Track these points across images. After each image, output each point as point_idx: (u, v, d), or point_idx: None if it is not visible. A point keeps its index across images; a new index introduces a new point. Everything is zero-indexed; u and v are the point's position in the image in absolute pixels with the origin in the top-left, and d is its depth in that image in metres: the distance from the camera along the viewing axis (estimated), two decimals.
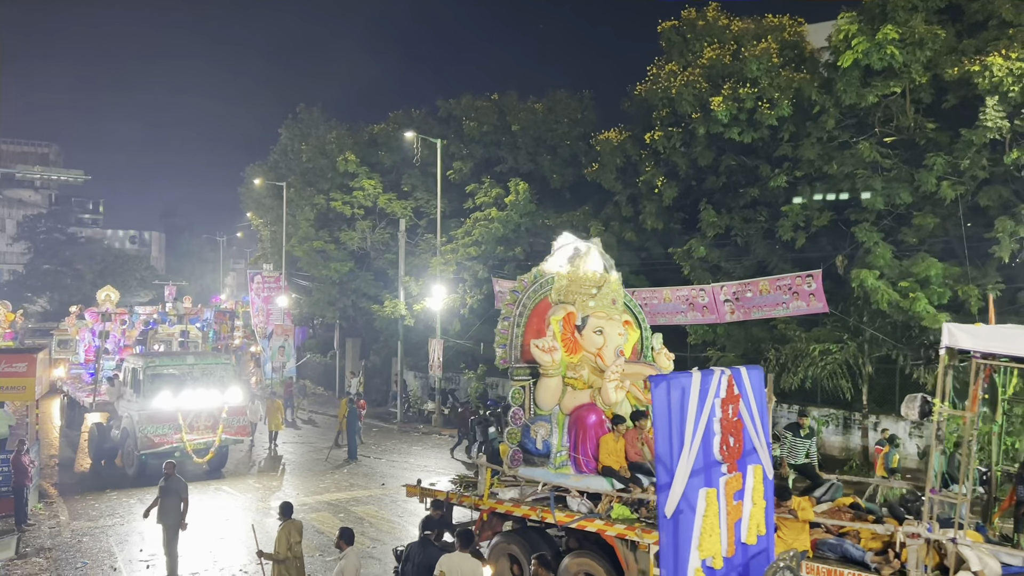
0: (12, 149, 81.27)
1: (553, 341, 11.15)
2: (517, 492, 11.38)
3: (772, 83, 21.20)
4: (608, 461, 10.82)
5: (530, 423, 11.51)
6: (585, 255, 12.19)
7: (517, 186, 29.24)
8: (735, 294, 21.41)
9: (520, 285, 12.31)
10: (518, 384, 11.81)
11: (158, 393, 19.09)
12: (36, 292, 59.01)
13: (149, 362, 19.92)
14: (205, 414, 19.44)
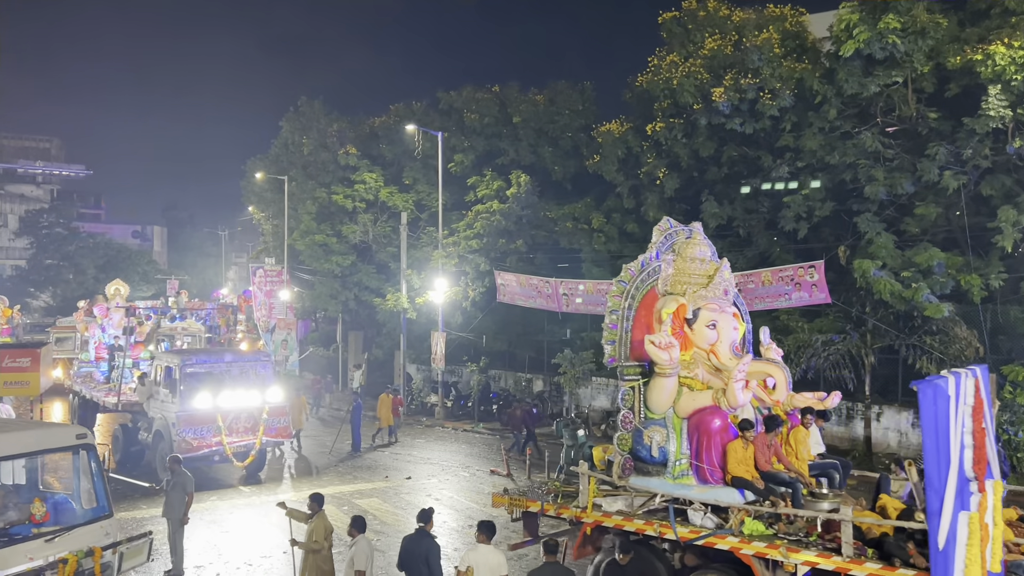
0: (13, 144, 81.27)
1: (670, 336, 10.07)
2: (624, 503, 10.46)
3: (774, 73, 21.16)
4: (738, 471, 9.82)
5: (643, 428, 10.47)
6: (691, 240, 11.00)
7: (519, 178, 29.22)
8: (737, 285, 21.33)
9: (627, 275, 11.06)
10: (628, 385, 10.68)
11: (196, 393, 17.78)
12: (39, 287, 59.05)
13: (185, 359, 18.54)
14: (245, 415, 18.19)
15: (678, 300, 10.44)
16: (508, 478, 19.38)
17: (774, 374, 10.61)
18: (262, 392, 18.75)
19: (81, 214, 74.74)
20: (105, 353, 25.30)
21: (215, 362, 19.07)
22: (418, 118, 32.93)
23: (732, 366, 10.14)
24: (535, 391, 28.62)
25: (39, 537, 8.45)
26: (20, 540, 8.31)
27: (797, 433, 10.75)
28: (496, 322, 30.03)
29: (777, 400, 10.70)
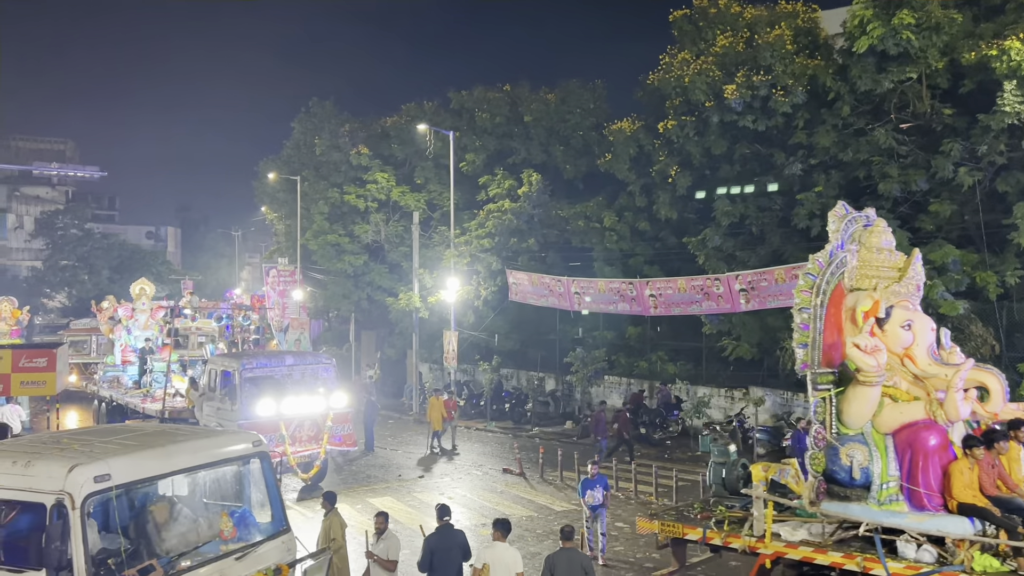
0: (29, 146, 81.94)
1: (875, 339, 8.88)
2: (805, 531, 9.33)
3: (786, 70, 21.08)
4: (964, 496, 8.50)
5: (839, 444, 9.19)
6: (873, 228, 9.82)
7: (530, 177, 29.22)
8: (750, 283, 21.31)
9: (815, 266, 9.58)
10: (820, 395, 9.30)
11: (257, 399, 16.51)
12: (54, 288, 59.52)
13: (246, 363, 17.22)
14: (308, 422, 16.89)
15: (872, 297, 9.23)
16: (520, 476, 19.40)
17: (987, 382, 9.23)
18: (325, 397, 17.54)
19: (95, 215, 75.20)
20: (132, 356, 24.52)
21: (276, 366, 17.89)
22: (429, 118, 32.99)
23: (933, 373, 8.99)
24: (547, 390, 28.62)
25: (228, 555, 7.65)
26: (212, 560, 7.49)
27: (1011, 451, 9.21)
28: (508, 321, 30.04)
29: (994, 412, 9.32)
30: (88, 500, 6.59)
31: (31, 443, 7.82)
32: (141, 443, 7.71)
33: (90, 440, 7.63)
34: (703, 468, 19.13)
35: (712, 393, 23.22)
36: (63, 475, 6.64)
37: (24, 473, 6.80)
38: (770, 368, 22.93)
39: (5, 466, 6.94)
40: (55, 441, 7.70)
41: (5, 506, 6.94)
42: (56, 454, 7.08)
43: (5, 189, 75.99)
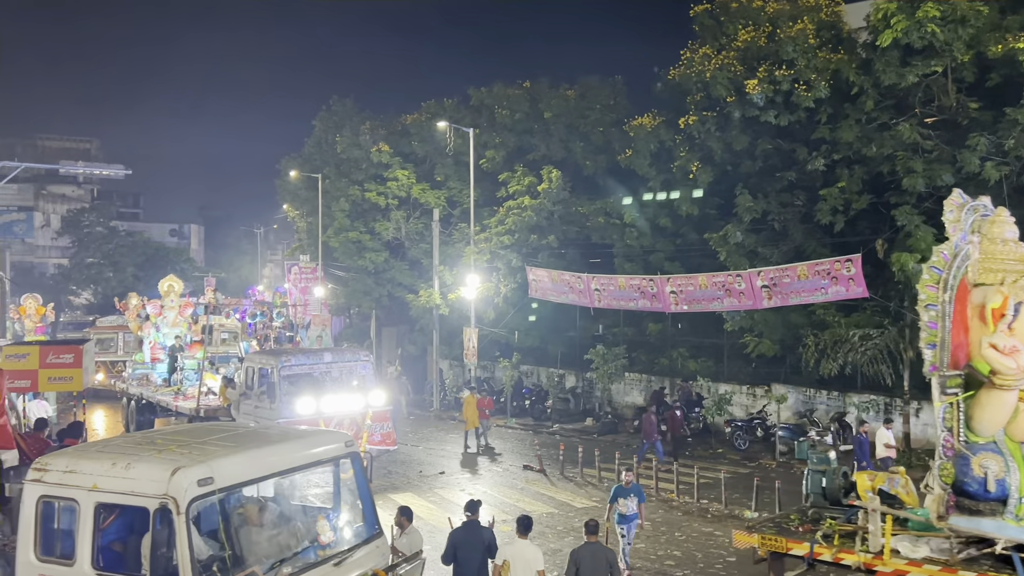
0: (54, 145, 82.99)
1: (1013, 339, 8.26)
2: (927, 547, 8.60)
3: (809, 65, 20.89)
4: None
5: (971, 454, 8.54)
6: (995, 218, 9.14)
7: (550, 174, 29.18)
8: (772, 279, 21.16)
9: (940, 259, 8.97)
10: (948, 399, 8.69)
11: (296, 397, 16.34)
12: (80, 286, 60.31)
13: (284, 361, 17.00)
14: (347, 421, 16.56)
15: (1001, 292, 8.51)
16: (541, 473, 19.41)
17: None
18: (364, 395, 17.32)
19: (120, 213, 76.13)
20: (161, 353, 24.23)
21: (314, 363, 17.65)
22: (449, 115, 33.02)
23: None
24: (567, 386, 28.59)
25: (326, 561, 7.35)
26: (311, 565, 7.23)
27: None
28: (528, 318, 30.04)
29: None
30: (192, 504, 6.35)
31: (124, 443, 7.57)
32: (238, 444, 7.41)
33: (185, 441, 7.34)
34: (724, 465, 19.05)
35: (734, 390, 23.10)
36: (166, 478, 6.37)
37: (125, 475, 6.54)
38: (792, 365, 22.77)
39: (104, 467, 6.68)
40: (149, 442, 7.41)
41: (104, 509, 6.67)
42: (155, 456, 6.82)
43: (32, 188, 77.03)
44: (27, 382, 15.92)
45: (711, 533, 14.69)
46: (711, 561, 13.16)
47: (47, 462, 7.02)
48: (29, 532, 6.87)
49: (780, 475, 18.02)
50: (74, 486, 6.68)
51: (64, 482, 6.76)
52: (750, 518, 15.61)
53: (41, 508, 6.86)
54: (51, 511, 6.92)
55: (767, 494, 15.90)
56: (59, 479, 6.79)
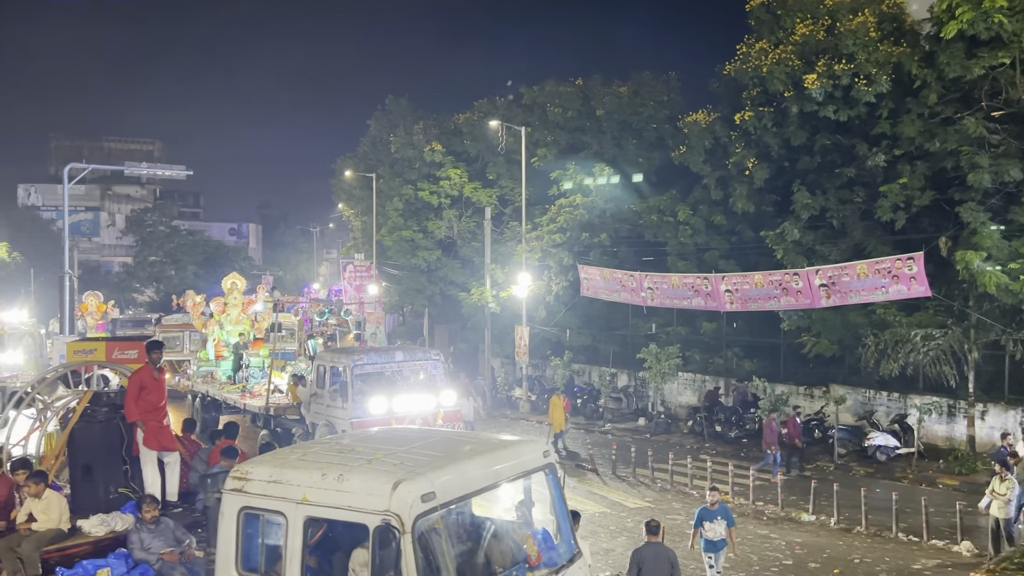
0: (119, 147, 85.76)
1: None
2: None
3: (869, 58, 20.40)
4: None
5: None
6: None
7: (602, 171, 29.05)
8: (831, 278, 20.73)
9: None
10: None
11: (368, 396, 16.17)
12: (143, 283, 62.20)
13: (356, 359, 16.84)
14: (420, 421, 16.30)
15: None
16: (593, 472, 19.33)
17: None
18: (435, 395, 17.08)
19: (181, 212, 78.19)
20: (225, 351, 24.79)
21: (386, 362, 17.41)
22: (501, 114, 33.11)
23: None
24: (619, 386, 28.42)
25: None
26: None
27: None
28: (579, 316, 29.95)
29: None
30: (418, 522, 5.76)
31: (323, 451, 6.87)
32: (446, 453, 6.73)
33: (389, 449, 6.68)
34: (780, 467, 18.72)
35: (790, 391, 22.68)
36: (387, 492, 5.78)
37: (338, 488, 5.97)
38: (851, 365, 22.29)
39: (313, 478, 6.11)
40: (349, 449, 6.78)
41: (312, 524, 6.12)
42: (366, 467, 6.23)
43: (99, 188, 79.70)
44: None
45: (767, 536, 14.47)
46: (767, 564, 12.95)
47: (247, 471, 6.50)
48: (230, 546, 6.36)
49: (839, 478, 17.67)
50: (280, 498, 6.14)
51: (269, 493, 6.23)
52: (808, 521, 15.34)
53: (243, 520, 6.35)
54: (254, 524, 6.38)
55: (825, 497, 15.59)
56: (263, 490, 6.26)
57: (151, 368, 9.68)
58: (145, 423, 9.36)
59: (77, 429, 9.48)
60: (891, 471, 18.82)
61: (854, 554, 13.43)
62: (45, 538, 8.14)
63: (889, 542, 14.01)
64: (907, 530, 14.24)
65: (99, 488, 9.19)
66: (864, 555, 13.38)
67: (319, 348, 23.18)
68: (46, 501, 8.35)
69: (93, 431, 9.46)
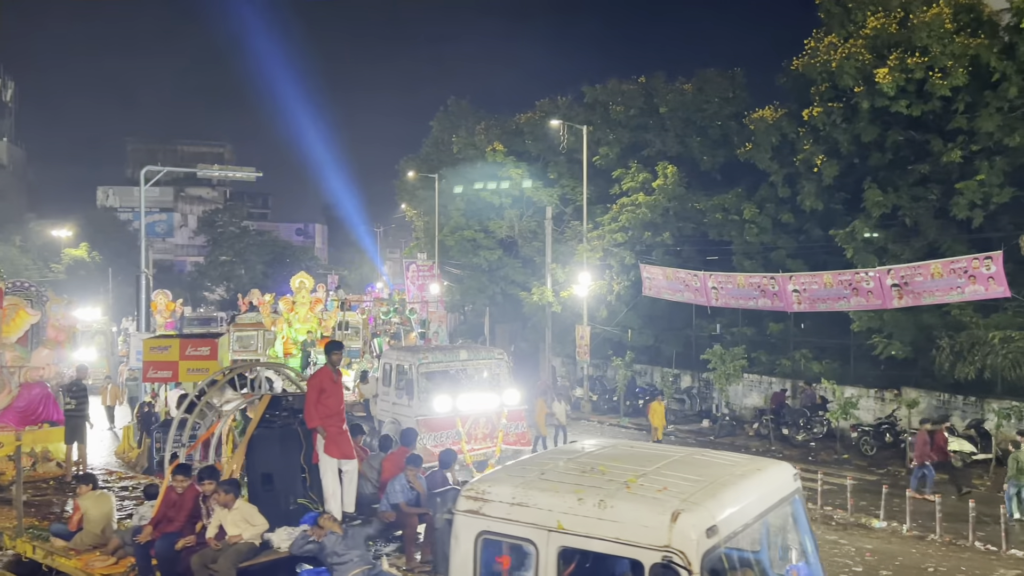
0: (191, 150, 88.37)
1: None
2: None
3: (945, 51, 19.77)
4: None
5: None
6: None
7: (665, 169, 28.74)
8: (903, 278, 20.14)
9: None
10: None
11: (434, 395, 16.24)
12: (214, 282, 64.08)
13: (422, 358, 17.01)
14: (484, 419, 16.34)
15: None
16: None
17: None
18: (499, 394, 17.02)
19: (250, 213, 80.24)
20: (294, 348, 24.88)
21: (451, 360, 17.62)
22: (563, 113, 33.06)
23: None
24: (682, 387, 28.09)
25: None
26: None
27: None
28: (641, 316, 29.70)
29: None
30: (705, 560, 4.97)
31: (564, 471, 6.02)
32: (706, 477, 5.80)
33: (639, 470, 5.87)
34: (850, 471, 18.24)
35: (861, 394, 22.07)
36: (665, 524, 5.01)
37: (600, 516, 5.22)
38: (924, 368, 21.59)
39: (567, 503, 5.37)
40: (590, 468, 5.98)
41: (567, 555, 5.40)
42: (625, 490, 5.47)
43: (172, 190, 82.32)
44: (168, 372, 16.99)
45: (835, 541, 14.12)
46: (836, 571, 12.65)
47: (484, 490, 5.75)
48: (466, 574, 5.70)
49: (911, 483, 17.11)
50: (528, 524, 5.42)
51: (513, 517, 5.51)
52: (879, 527, 14.92)
53: (482, 547, 5.63)
54: (495, 551, 5.68)
55: (897, 503, 15.15)
56: (506, 513, 5.55)
57: (330, 370, 9.08)
58: (325, 429, 8.76)
59: (256, 435, 8.94)
60: (967, 477, 18.17)
61: (928, 563, 13.01)
62: (241, 552, 7.68)
63: (965, 551, 13.54)
64: (984, 539, 13.74)
65: (280, 498, 8.70)
66: (939, 564, 12.95)
67: (384, 346, 23.53)
68: (238, 512, 7.88)
69: (273, 438, 8.94)
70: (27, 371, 13.44)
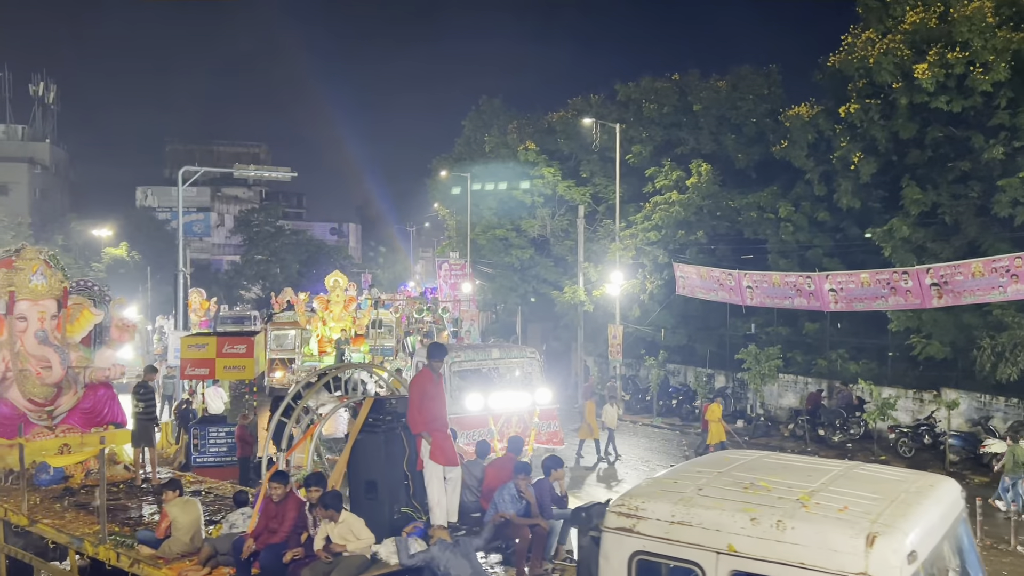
0: (227, 150, 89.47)
1: None
2: None
3: (986, 45, 19.37)
4: None
5: None
6: None
7: (699, 167, 28.51)
8: (943, 277, 19.76)
9: None
10: None
11: (466, 393, 16.13)
12: (250, 281, 64.89)
13: (454, 357, 16.84)
14: (516, 418, 16.21)
15: None
16: None
17: None
18: (531, 392, 16.81)
19: (285, 213, 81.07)
20: (328, 346, 25.18)
21: (483, 359, 17.46)
22: (595, 111, 32.95)
23: None
24: (716, 387, 27.85)
25: None
26: None
27: None
28: (675, 315, 29.50)
29: None
30: None
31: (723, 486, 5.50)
32: (882, 492, 5.29)
33: (806, 486, 5.39)
34: None
35: (899, 394, 21.72)
36: (860, 549, 4.55)
37: (779, 539, 4.75)
38: (965, 369, 21.18)
39: (739, 523, 4.90)
40: (750, 483, 5.47)
41: None
42: (803, 510, 4.98)
43: (209, 190, 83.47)
44: (205, 370, 17.28)
45: None
46: None
47: (637, 506, 5.30)
48: None
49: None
50: (693, 545, 5.00)
51: (674, 537, 5.07)
52: None
53: (636, 569, 5.21)
54: (652, 574, 5.23)
55: None
56: (665, 532, 5.11)
57: (431, 373, 8.62)
58: (430, 434, 8.32)
59: (360, 441, 8.54)
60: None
61: None
62: (353, 566, 7.33)
63: (1007, 555, 13.27)
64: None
65: (384, 507, 8.27)
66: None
67: (416, 345, 23.66)
68: (344, 525, 7.52)
69: (377, 443, 8.45)
70: (92, 371, 13.33)
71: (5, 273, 12.75)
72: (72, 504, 11.05)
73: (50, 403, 12.88)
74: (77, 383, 13.20)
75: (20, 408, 12.59)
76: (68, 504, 11.06)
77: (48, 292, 12.92)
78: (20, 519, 10.39)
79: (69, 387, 13.07)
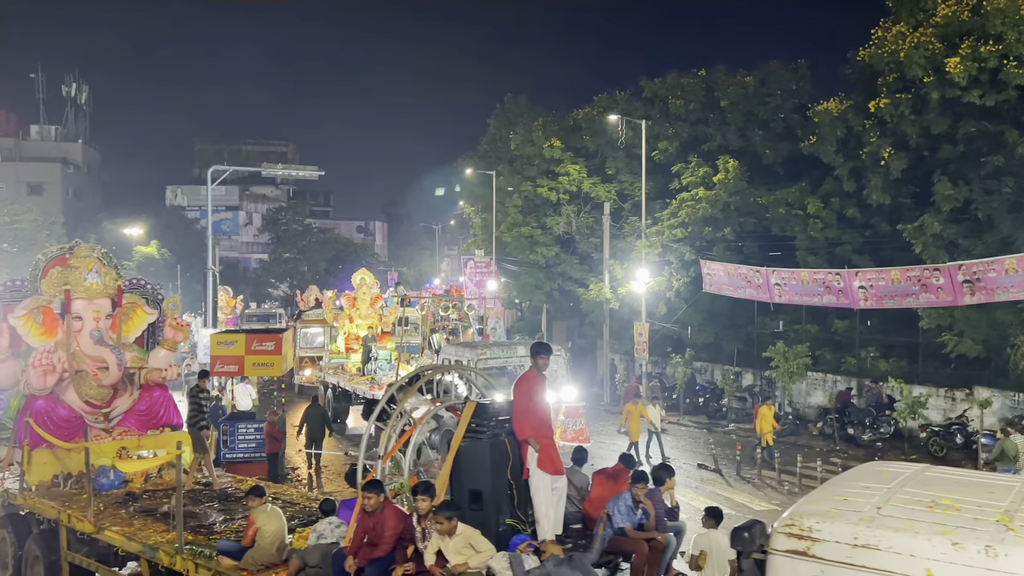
0: (255, 149, 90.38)
1: None
2: None
3: (1021, 38, 19.05)
4: None
5: None
6: None
7: (726, 164, 28.29)
8: (975, 274, 19.45)
9: None
10: None
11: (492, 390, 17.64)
12: (278, 279, 65.51)
13: (480, 354, 17.12)
14: None
15: None
16: (716, 473, 18.93)
17: None
18: (557, 390, 16.51)
19: (313, 211, 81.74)
20: (355, 344, 25.27)
21: (508, 356, 17.53)
22: (621, 108, 32.81)
23: None
24: (743, 385, 27.66)
25: None
26: None
27: None
28: (701, 313, 29.32)
29: None
30: None
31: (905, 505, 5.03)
32: None
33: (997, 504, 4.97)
34: None
35: (930, 393, 21.43)
36: None
37: (989, 567, 4.33)
38: (998, 367, 20.84)
39: (938, 549, 4.47)
40: (930, 501, 5.07)
41: None
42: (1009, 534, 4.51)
43: (237, 189, 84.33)
44: (235, 367, 17.51)
45: None
46: None
47: (811, 527, 4.87)
48: None
49: None
50: (882, 571, 4.57)
51: (858, 562, 4.64)
52: None
53: None
54: None
55: None
56: (847, 556, 4.68)
57: (537, 375, 8.15)
58: (537, 441, 7.85)
59: (464, 448, 8.00)
60: None
61: None
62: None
63: None
64: None
65: (491, 519, 7.74)
66: None
67: (442, 342, 23.74)
68: (461, 537, 7.04)
69: (483, 450, 7.91)
70: (148, 372, 12.97)
71: (60, 271, 12.34)
72: (137, 510, 10.67)
73: (106, 405, 12.52)
74: (132, 384, 12.91)
75: (77, 410, 12.22)
76: (133, 510, 10.68)
77: (103, 291, 12.50)
78: (86, 526, 9.96)
79: (125, 388, 12.74)
